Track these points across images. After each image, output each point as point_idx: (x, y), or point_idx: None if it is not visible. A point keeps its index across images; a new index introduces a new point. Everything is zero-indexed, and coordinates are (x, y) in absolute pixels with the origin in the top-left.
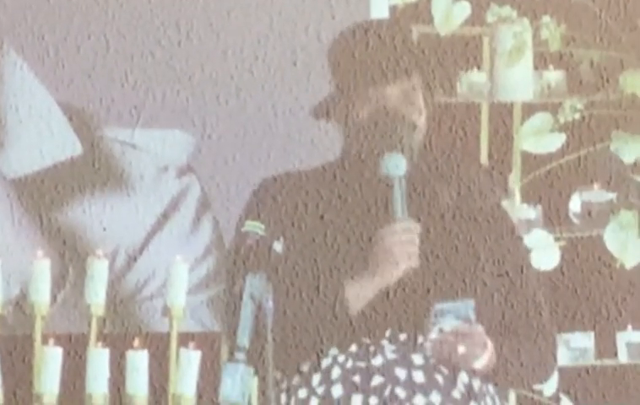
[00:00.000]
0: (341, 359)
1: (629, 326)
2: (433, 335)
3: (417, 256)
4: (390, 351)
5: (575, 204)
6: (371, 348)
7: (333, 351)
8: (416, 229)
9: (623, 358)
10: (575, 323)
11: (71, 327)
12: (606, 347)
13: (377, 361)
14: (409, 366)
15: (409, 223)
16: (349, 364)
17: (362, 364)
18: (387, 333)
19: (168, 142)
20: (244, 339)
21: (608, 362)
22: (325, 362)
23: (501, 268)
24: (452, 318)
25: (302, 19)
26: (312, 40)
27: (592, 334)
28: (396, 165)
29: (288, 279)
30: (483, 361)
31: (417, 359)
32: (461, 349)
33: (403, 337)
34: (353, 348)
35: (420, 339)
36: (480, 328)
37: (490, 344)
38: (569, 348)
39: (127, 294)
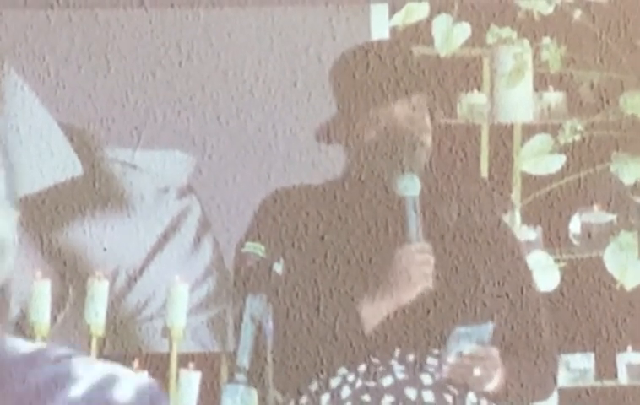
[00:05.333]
0: (350, 378)
1: (629, 348)
2: (451, 359)
3: (432, 277)
4: (399, 371)
5: (575, 225)
6: (380, 368)
7: (342, 370)
8: (430, 250)
9: (623, 379)
10: (575, 344)
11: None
12: (606, 368)
13: (387, 381)
14: (419, 386)
15: (424, 243)
16: (359, 383)
17: (372, 384)
18: (397, 353)
19: (168, 162)
20: (244, 360)
21: (608, 383)
22: (334, 382)
23: (501, 289)
24: (470, 342)
25: (303, 40)
26: (313, 60)
27: (592, 355)
28: (411, 186)
29: (288, 300)
30: (495, 383)
31: (426, 378)
32: (476, 372)
33: (411, 357)
34: (362, 367)
35: (429, 360)
36: (494, 351)
37: (500, 366)
38: (569, 369)
39: (128, 314)
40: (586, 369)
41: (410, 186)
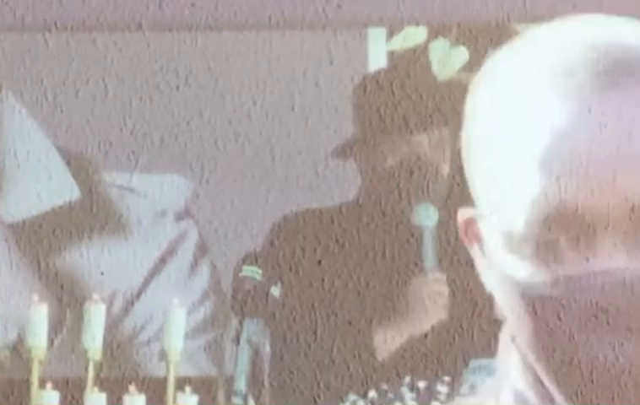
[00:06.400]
0: (361, 404)
1: None
2: (463, 390)
3: (447, 308)
4: (410, 398)
5: None
6: (391, 395)
7: (352, 396)
8: (445, 281)
9: None
10: None
11: (68, 372)
12: None
13: None
14: None
15: (440, 274)
16: None
17: None
18: (407, 380)
19: (166, 186)
20: (241, 384)
21: None
22: None
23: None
24: (485, 374)
25: (300, 64)
26: (310, 84)
27: None
28: (428, 216)
29: (285, 324)
30: None
31: None
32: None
33: (422, 384)
34: (372, 393)
35: (439, 387)
36: None
37: None
38: None
39: (125, 338)
40: None
41: (428, 216)
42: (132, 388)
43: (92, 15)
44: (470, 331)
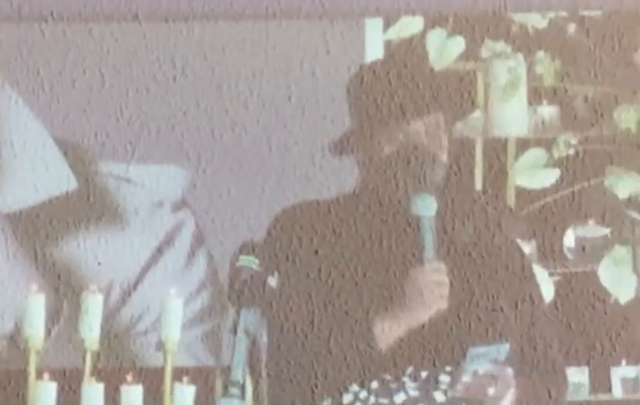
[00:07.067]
0: (363, 395)
1: (623, 361)
2: (466, 378)
3: (446, 298)
4: (412, 388)
5: (569, 239)
6: (393, 385)
7: (354, 387)
8: (445, 271)
9: (617, 393)
10: (569, 358)
11: (65, 362)
12: (600, 382)
13: (400, 398)
14: (432, 403)
15: (438, 264)
16: (372, 400)
17: (384, 401)
18: (409, 370)
19: (163, 177)
20: (238, 374)
21: (602, 397)
22: (346, 398)
23: (513, 305)
24: (486, 361)
25: (297, 54)
26: (307, 75)
27: (586, 369)
28: (427, 206)
29: (283, 314)
30: (507, 401)
31: (439, 396)
32: (491, 391)
33: (424, 374)
34: (374, 384)
35: (442, 377)
36: (509, 370)
37: (514, 384)
38: None
39: (122, 328)
40: (580, 382)
41: (427, 206)
42: (129, 378)
43: (88, 5)
44: (468, 320)
